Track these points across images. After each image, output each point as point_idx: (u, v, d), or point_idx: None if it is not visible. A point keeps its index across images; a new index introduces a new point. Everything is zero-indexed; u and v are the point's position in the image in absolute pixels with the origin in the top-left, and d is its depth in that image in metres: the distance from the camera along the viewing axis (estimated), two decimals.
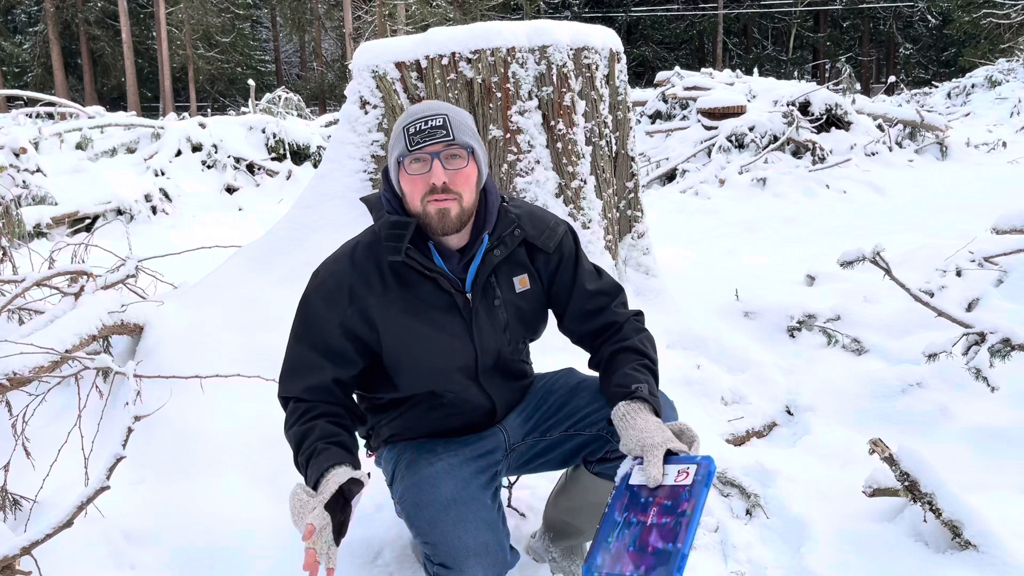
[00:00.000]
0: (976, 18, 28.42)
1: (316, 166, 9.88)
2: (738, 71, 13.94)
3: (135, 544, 2.13)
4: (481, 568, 1.56)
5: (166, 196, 8.58)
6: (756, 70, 16.22)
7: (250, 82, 13.52)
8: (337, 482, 1.50)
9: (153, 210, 8.29)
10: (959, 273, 3.84)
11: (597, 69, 3.38)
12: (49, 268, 3.34)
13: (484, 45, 3.19)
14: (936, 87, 22.55)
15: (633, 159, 3.63)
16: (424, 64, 3.26)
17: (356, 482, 1.52)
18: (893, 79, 20.89)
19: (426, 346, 1.71)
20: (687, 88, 11.98)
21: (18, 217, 3.83)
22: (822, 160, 9.71)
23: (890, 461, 2.18)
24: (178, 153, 9.68)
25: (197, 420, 2.53)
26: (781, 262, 5.26)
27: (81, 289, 3.00)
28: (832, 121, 10.75)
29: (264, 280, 3.18)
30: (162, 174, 9.12)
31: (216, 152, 9.79)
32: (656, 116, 12.12)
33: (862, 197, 8.58)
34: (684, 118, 11.68)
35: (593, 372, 1.86)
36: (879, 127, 10.95)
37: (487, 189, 1.74)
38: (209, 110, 32.04)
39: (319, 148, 10.42)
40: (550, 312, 1.89)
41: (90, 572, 1.99)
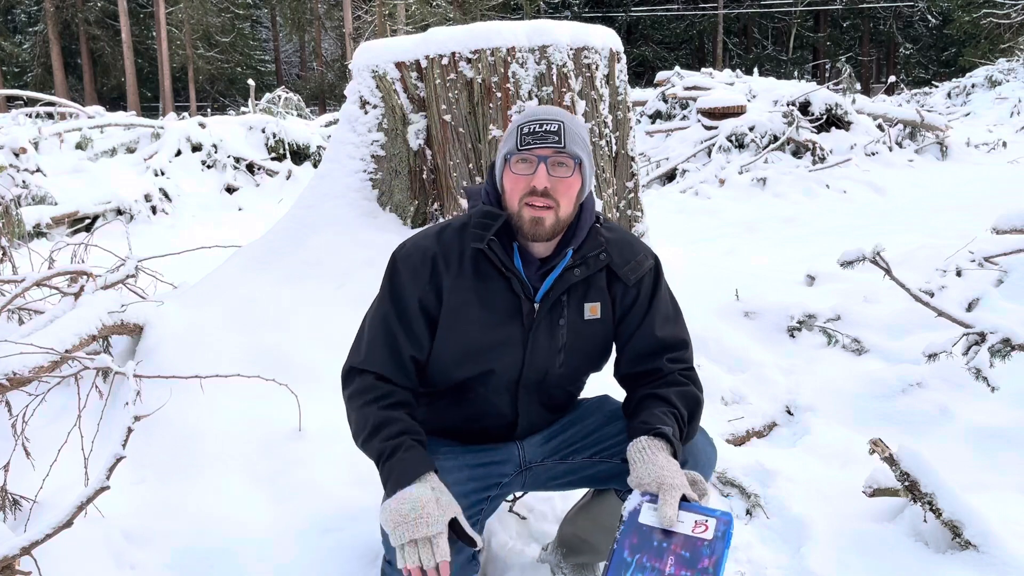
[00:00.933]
0: (976, 18, 28.43)
1: (316, 166, 9.86)
2: (738, 71, 13.96)
3: (135, 544, 2.13)
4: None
5: (166, 196, 8.58)
6: (756, 70, 16.24)
7: (250, 82, 13.51)
8: (453, 513, 1.52)
9: (153, 210, 8.29)
10: (959, 273, 3.84)
11: (597, 69, 3.38)
12: (49, 268, 3.34)
13: (484, 45, 3.19)
14: (936, 87, 22.56)
15: (633, 159, 3.63)
16: (424, 64, 3.26)
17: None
18: (893, 79, 20.85)
19: (476, 336, 1.70)
20: (687, 88, 11.99)
21: (18, 217, 3.83)
22: (822, 160, 9.71)
23: (890, 461, 2.18)
24: (178, 153, 9.67)
25: (197, 420, 2.53)
26: (781, 262, 5.26)
27: (81, 289, 2.99)
28: (832, 121, 10.75)
29: (264, 280, 3.18)
30: (162, 174, 9.10)
31: (216, 152, 9.78)
32: (656, 116, 12.13)
33: (862, 197, 8.58)
34: (684, 118, 11.69)
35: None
36: (879, 127, 10.95)
37: (584, 205, 1.72)
38: (209, 110, 32.01)
39: (319, 148, 10.41)
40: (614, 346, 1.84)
41: (90, 572, 1.99)
